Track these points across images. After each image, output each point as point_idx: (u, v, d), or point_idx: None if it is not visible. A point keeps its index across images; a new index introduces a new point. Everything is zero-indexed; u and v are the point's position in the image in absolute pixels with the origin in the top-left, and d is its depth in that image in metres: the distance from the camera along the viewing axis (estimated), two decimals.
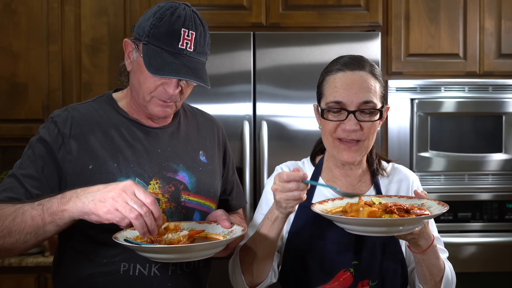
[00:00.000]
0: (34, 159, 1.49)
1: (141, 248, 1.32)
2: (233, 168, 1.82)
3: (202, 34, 1.50)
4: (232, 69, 2.78)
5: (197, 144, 1.66)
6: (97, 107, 1.59)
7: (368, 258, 1.52)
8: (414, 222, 1.29)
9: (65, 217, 1.31)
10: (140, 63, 1.49)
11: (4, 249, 1.38)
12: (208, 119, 1.76)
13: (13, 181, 1.47)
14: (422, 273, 1.48)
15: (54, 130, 1.52)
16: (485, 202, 3.02)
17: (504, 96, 3.04)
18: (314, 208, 1.38)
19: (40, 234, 1.35)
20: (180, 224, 1.48)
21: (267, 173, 2.72)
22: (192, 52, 1.48)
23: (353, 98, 1.47)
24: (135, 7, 3.09)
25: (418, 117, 3.00)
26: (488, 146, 3.03)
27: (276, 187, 1.34)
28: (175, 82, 1.48)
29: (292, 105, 2.80)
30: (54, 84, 3.07)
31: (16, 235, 1.34)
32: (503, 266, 3.02)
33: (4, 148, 3.36)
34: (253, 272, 1.49)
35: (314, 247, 1.53)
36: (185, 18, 1.47)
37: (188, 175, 1.59)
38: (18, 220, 1.34)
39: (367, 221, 1.28)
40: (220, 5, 2.99)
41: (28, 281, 2.84)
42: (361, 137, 1.49)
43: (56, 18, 3.07)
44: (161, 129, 1.61)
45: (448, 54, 3.07)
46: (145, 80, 1.49)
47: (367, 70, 1.51)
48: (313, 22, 3.01)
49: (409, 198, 1.44)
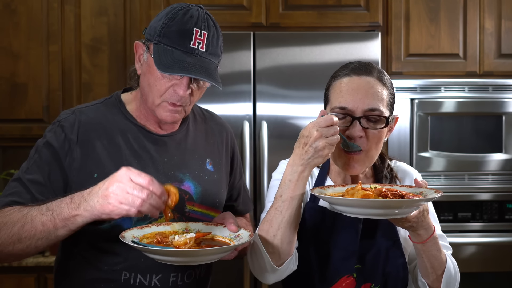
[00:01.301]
0: (41, 165, 1.47)
1: (148, 250, 1.31)
2: (241, 173, 1.80)
3: (215, 35, 1.48)
4: (232, 69, 2.78)
5: (204, 152, 1.64)
6: (104, 111, 1.56)
7: (371, 262, 1.52)
8: (409, 205, 1.28)
9: (78, 222, 1.31)
10: (151, 64, 1.47)
11: (14, 254, 1.37)
12: (218, 124, 1.74)
13: (19, 186, 1.45)
14: (424, 266, 1.47)
15: (61, 135, 1.49)
16: (485, 202, 3.02)
17: (504, 96, 3.04)
18: (314, 191, 1.37)
19: (51, 239, 1.34)
20: (187, 225, 1.48)
21: (267, 173, 2.72)
22: (204, 52, 1.45)
23: (358, 103, 1.44)
24: (135, 7, 3.09)
25: (418, 117, 3.00)
26: (488, 146, 3.03)
27: (319, 134, 1.33)
28: (185, 83, 1.46)
29: (292, 105, 2.80)
30: (54, 84, 3.07)
31: (26, 241, 1.34)
32: (503, 266, 3.02)
33: (4, 148, 3.36)
34: (279, 247, 1.41)
35: (319, 253, 1.52)
36: (197, 18, 1.45)
37: (193, 185, 1.58)
38: (27, 227, 1.33)
39: (362, 202, 1.27)
40: (220, 5, 2.99)
41: (28, 281, 2.84)
42: (365, 146, 1.46)
43: (56, 18, 3.07)
44: (169, 137, 1.58)
45: (448, 54, 3.07)
46: (155, 81, 1.47)
47: (374, 76, 1.48)
48: (313, 22, 3.01)
49: (410, 187, 1.44)
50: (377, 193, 1.32)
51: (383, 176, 1.59)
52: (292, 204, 1.39)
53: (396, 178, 1.60)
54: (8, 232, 1.34)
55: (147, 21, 2.95)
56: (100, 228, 1.46)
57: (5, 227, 1.35)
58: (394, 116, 1.53)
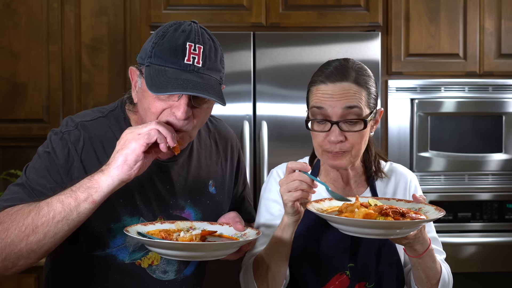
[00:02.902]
0: (44, 174, 1.37)
1: (155, 243, 1.29)
2: (244, 182, 1.75)
3: (213, 49, 1.35)
4: (232, 69, 2.78)
5: (207, 173, 1.56)
6: (108, 126, 1.45)
7: (364, 260, 1.51)
8: (411, 226, 1.28)
9: (102, 188, 1.24)
10: (144, 88, 1.33)
11: (27, 251, 1.24)
12: (223, 137, 1.65)
13: (21, 192, 1.34)
14: (419, 276, 1.47)
15: (65, 150, 1.38)
16: (485, 202, 3.02)
17: (504, 96, 3.04)
18: (310, 206, 1.37)
19: (72, 220, 1.24)
20: (192, 224, 1.46)
21: (267, 173, 2.72)
22: (200, 67, 1.31)
23: (334, 106, 1.44)
24: (135, 7, 3.09)
25: (418, 117, 3.00)
26: (488, 146, 3.03)
27: (281, 182, 1.35)
28: (183, 103, 1.30)
29: (292, 105, 2.80)
30: (54, 84, 3.07)
31: (44, 229, 1.23)
32: (503, 266, 3.01)
33: (4, 148, 3.36)
34: (268, 283, 1.47)
35: (310, 251, 1.52)
36: (190, 32, 1.32)
37: (194, 212, 1.52)
38: (44, 212, 1.23)
39: (363, 222, 1.26)
40: (220, 5, 2.99)
41: (28, 281, 2.83)
42: (347, 148, 1.46)
43: (56, 18, 3.07)
44: (172, 162, 1.49)
45: (448, 54, 3.07)
46: (149, 105, 1.34)
47: (350, 80, 1.46)
48: (313, 22, 3.01)
49: (407, 202, 1.43)
50: (378, 211, 1.31)
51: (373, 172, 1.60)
52: (278, 251, 1.45)
53: (382, 173, 1.61)
54: (20, 225, 1.24)
55: (147, 21, 2.95)
56: (92, 254, 1.43)
57: (14, 221, 1.24)
58: (378, 110, 1.54)
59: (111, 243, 1.43)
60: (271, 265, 1.46)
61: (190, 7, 2.96)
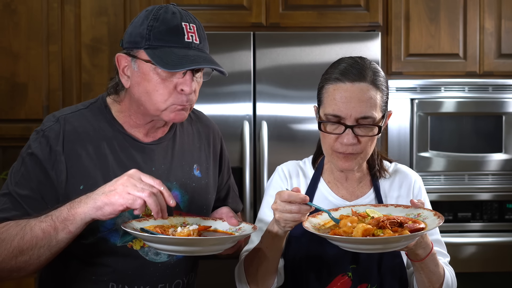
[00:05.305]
0: (29, 178, 1.42)
1: (156, 238, 1.29)
2: (229, 172, 1.77)
3: (200, 27, 1.45)
4: (232, 69, 2.78)
5: (191, 157, 1.60)
6: (90, 117, 1.50)
7: (366, 262, 1.51)
8: (409, 239, 1.27)
9: (77, 221, 1.29)
10: (146, 71, 1.40)
11: (17, 268, 1.34)
12: (205, 126, 1.70)
13: (9, 202, 1.41)
14: (421, 280, 1.47)
15: (46, 147, 1.43)
16: (485, 202, 3.02)
17: (504, 96, 3.04)
18: (306, 224, 1.35)
19: (53, 246, 1.31)
20: (185, 219, 1.47)
21: (267, 173, 2.72)
22: (199, 44, 1.41)
23: (351, 112, 1.42)
24: (135, 7, 3.09)
25: (418, 117, 3.00)
26: (488, 146, 3.03)
27: (276, 207, 1.32)
28: (189, 79, 1.40)
29: (292, 105, 2.80)
30: (54, 84, 3.07)
31: (29, 252, 1.31)
32: (503, 266, 3.02)
33: (4, 148, 3.36)
34: (258, 282, 1.49)
35: (312, 252, 1.52)
36: (180, 13, 1.41)
37: (180, 193, 1.55)
38: (27, 238, 1.31)
39: (362, 240, 1.26)
40: (220, 5, 2.99)
41: (28, 281, 2.83)
42: (358, 151, 1.46)
43: (56, 18, 3.07)
44: (156, 145, 1.53)
45: (448, 54, 3.07)
46: (155, 88, 1.40)
47: (368, 81, 1.45)
48: (313, 22, 3.01)
49: (406, 208, 1.42)
50: (375, 224, 1.30)
51: (377, 171, 1.59)
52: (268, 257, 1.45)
53: (386, 172, 1.60)
54: (8, 247, 1.32)
55: None
56: (84, 243, 1.44)
57: (3, 243, 1.32)
58: (388, 112, 1.53)
59: (101, 227, 1.45)
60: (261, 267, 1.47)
61: (190, 7, 2.95)
